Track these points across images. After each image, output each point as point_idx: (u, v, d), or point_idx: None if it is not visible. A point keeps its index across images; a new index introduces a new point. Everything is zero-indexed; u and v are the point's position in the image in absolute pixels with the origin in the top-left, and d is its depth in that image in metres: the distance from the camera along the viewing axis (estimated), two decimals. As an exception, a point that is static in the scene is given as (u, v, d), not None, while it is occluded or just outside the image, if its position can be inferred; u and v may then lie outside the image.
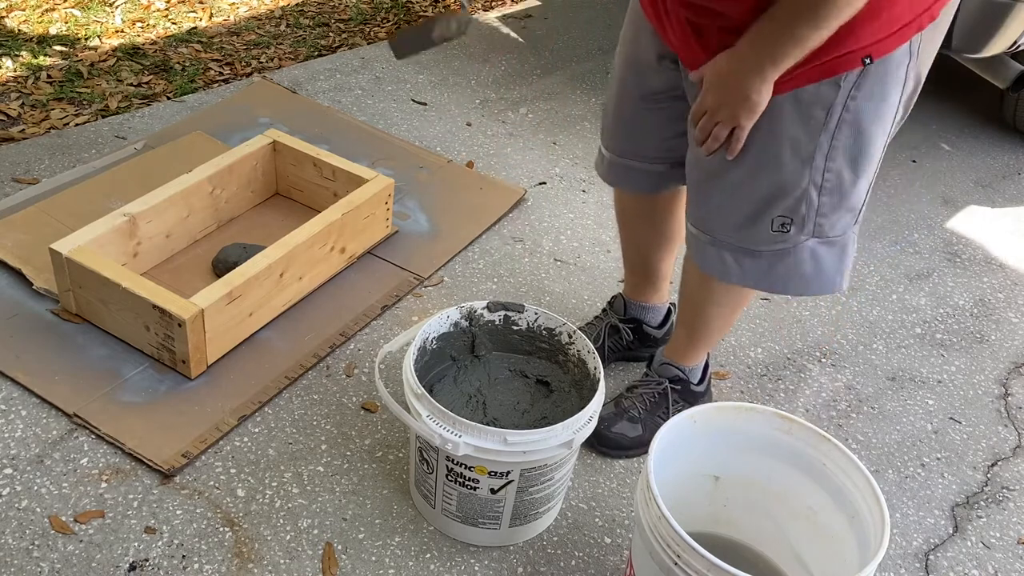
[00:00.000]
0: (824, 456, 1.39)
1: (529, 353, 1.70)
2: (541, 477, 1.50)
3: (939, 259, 2.61)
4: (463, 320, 1.66)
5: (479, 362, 1.68)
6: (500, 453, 1.41)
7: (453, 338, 1.66)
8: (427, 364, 1.63)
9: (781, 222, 1.45)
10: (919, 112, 3.41)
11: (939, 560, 1.72)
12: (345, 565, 1.54)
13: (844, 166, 1.41)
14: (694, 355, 1.81)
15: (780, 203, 1.44)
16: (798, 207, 1.44)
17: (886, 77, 1.35)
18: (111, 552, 1.51)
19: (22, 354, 1.82)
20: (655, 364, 1.86)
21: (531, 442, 1.41)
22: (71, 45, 3.09)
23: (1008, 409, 2.10)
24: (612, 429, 1.80)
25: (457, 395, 1.62)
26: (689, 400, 1.83)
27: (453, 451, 1.41)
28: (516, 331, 1.69)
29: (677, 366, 1.82)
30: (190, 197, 2.08)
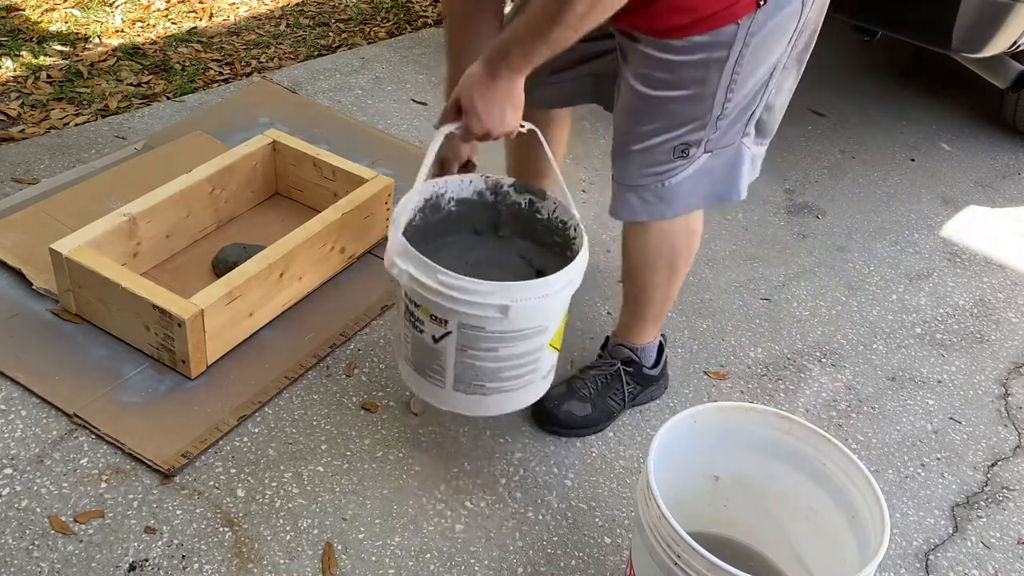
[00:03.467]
0: (824, 456, 1.39)
1: (545, 245, 1.68)
2: (480, 342, 1.48)
3: (939, 259, 2.61)
4: (488, 192, 1.63)
5: (497, 242, 1.66)
6: (433, 292, 1.42)
7: (478, 209, 1.64)
8: (442, 222, 1.61)
9: (683, 148, 1.53)
10: (919, 112, 3.42)
11: (939, 560, 1.72)
12: (345, 565, 1.54)
13: (741, 93, 1.49)
14: (641, 331, 1.83)
15: (684, 135, 1.52)
16: (698, 133, 1.52)
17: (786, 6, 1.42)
18: (111, 552, 1.51)
19: (22, 354, 1.82)
20: (609, 346, 1.89)
21: (461, 288, 1.41)
22: (71, 45, 3.09)
23: (1008, 409, 2.10)
24: (561, 408, 1.82)
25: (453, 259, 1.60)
26: (642, 383, 1.86)
27: (398, 277, 1.44)
28: (539, 219, 1.67)
29: (629, 346, 1.85)
30: (190, 197, 2.08)
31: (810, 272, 2.47)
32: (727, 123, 1.54)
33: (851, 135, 3.20)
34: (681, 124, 1.52)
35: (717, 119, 1.52)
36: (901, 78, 3.68)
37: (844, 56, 3.79)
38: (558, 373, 1.97)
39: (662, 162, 1.56)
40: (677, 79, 1.48)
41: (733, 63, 1.44)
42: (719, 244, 2.53)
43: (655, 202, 1.62)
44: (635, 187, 1.62)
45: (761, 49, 1.46)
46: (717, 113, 1.51)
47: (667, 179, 1.58)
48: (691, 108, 1.50)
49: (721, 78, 1.46)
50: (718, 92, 1.48)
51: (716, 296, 2.32)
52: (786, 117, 1.72)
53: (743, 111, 1.54)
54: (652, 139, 1.55)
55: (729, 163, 1.60)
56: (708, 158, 1.57)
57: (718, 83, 1.47)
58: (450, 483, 1.72)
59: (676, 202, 1.62)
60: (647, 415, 1.93)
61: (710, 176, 1.60)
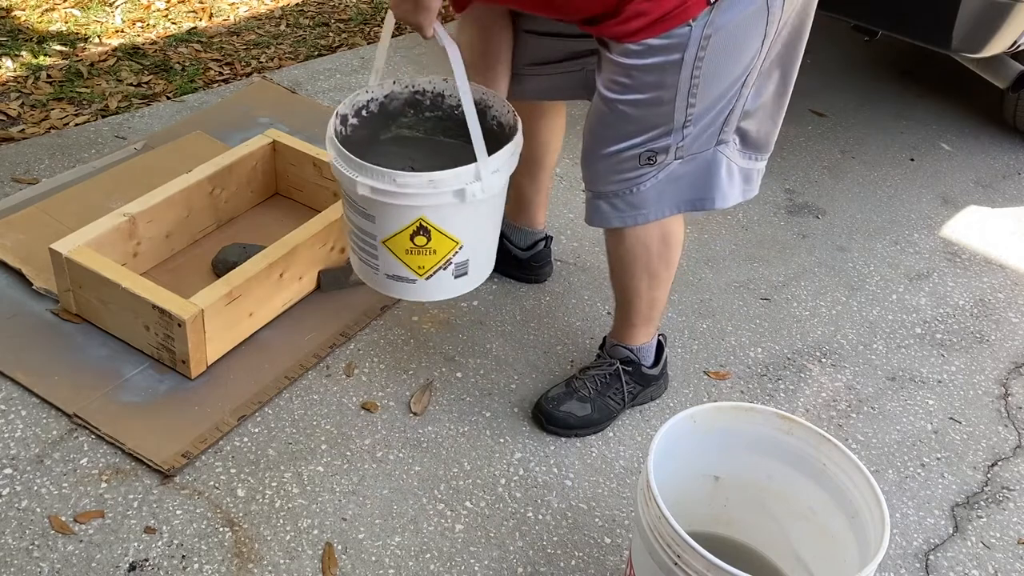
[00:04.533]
0: (824, 456, 1.39)
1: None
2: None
3: (939, 259, 2.61)
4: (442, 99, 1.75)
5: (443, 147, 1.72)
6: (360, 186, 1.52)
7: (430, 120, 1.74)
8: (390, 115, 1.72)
9: (649, 156, 1.54)
10: (919, 112, 3.42)
11: (939, 560, 1.72)
12: (345, 565, 1.54)
13: (707, 97, 1.48)
14: (633, 333, 1.84)
15: (649, 142, 1.53)
16: (664, 140, 1.52)
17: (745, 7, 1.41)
18: (111, 552, 1.51)
19: (22, 354, 1.82)
20: (607, 346, 1.89)
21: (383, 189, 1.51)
22: (71, 45, 3.09)
23: (1008, 409, 2.10)
24: (560, 408, 1.83)
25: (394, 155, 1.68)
26: (642, 382, 1.86)
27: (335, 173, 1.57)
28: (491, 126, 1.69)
29: (626, 346, 1.85)
30: (190, 197, 2.08)
31: (810, 272, 2.47)
32: (696, 129, 1.53)
33: (851, 135, 3.20)
34: (644, 131, 1.52)
35: (683, 125, 1.51)
36: (901, 78, 3.68)
37: (844, 56, 3.79)
38: (558, 374, 1.97)
39: (629, 169, 1.56)
40: (637, 84, 1.48)
41: (691, 66, 1.44)
42: (719, 244, 2.53)
43: (626, 208, 1.62)
44: (604, 194, 1.62)
45: (724, 52, 1.45)
46: (681, 119, 1.50)
47: (636, 186, 1.59)
48: (653, 114, 1.50)
49: (679, 82, 1.46)
50: (678, 98, 1.48)
51: (716, 296, 2.32)
52: (786, 117, 1.72)
53: (715, 117, 1.53)
54: (617, 145, 1.55)
55: (702, 170, 1.60)
56: (679, 164, 1.57)
57: (677, 87, 1.46)
58: (450, 483, 1.72)
59: (647, 208, 1.62)
60: (647, 415, 1.93)
61: (682, 183, 1.60)
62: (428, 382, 1.93)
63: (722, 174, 1.61)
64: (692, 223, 2.59)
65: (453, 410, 1.87)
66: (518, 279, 2.23)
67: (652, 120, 1.51)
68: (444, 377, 1.95)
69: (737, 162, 1.63)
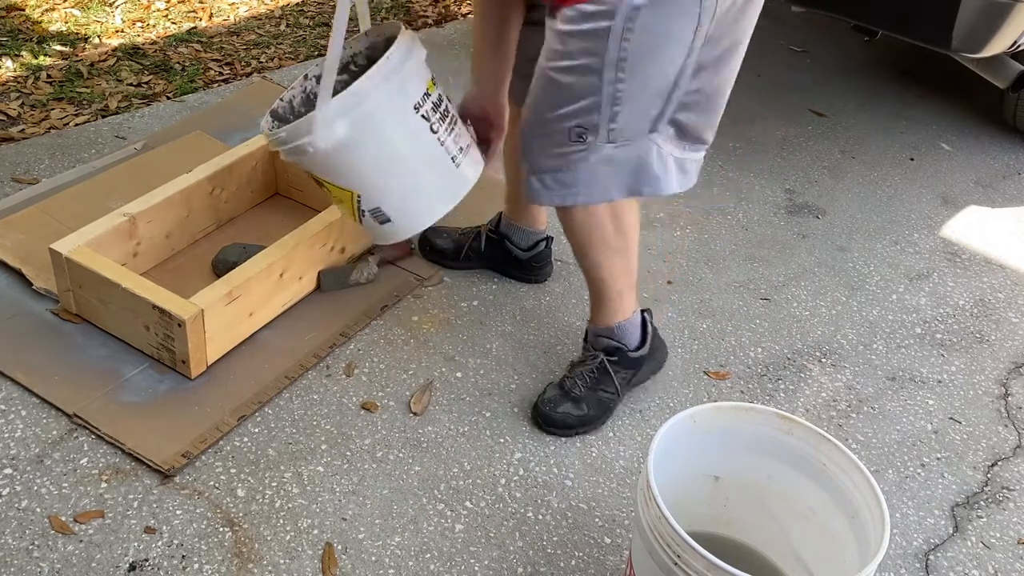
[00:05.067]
0: (824, 456, 1.39)
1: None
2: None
3: (939, 259, 2.61)
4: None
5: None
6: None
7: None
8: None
9: (579, 131, 1.53)
10: (919, 112, 3.42)
11: (939, 560, 1.72)
12: (345, 565, 1.54)
13: (636, 76, 1.49)
14: (609, 311, 1.83)
15: (579, 115, 1.53)
16: (592, 116, 1.52)
17: None
18: (111, 552, 1.51)
19: (22, 354, 1.82)
20: (589, 336, 1.90)
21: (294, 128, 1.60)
22: (71, 45, 3.09)
23: (1008, 409, 2.10)
24: (557, 410, 1.84)
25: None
26: (630, 367, 1.86)
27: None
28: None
29: (605, 333, 1.84)
30: (190, 197, 2.08)
31: (810, 272, 2.48)
32: (628, 113, 1.53)
33: (851, 135, 3.20)
34: (573, 100, 1.53)
35: (612, 103, 1.51)
36: (901, 78, 3.68)
37: (844, 56, 3.79)
38: (558, 374, 1.97)
39: (559, 143, 1.57)
40: (568, 50, 1.50)
41: (619, 37, 1.45)
42: (719, 244, 2.53)
43: (555, 187, 1.62)
44: (536, 171, 1.63)
45: (653, 31, 1.45)
46: (611, 94, 1.50)
47: (567, 164, 1.59)
48: (581, 83, 1.51)
49: (607, 52, 1.46)
50: (605, 68, 1.48)
51: (716, 296, 2.32)
52: (786, 117, 1.73)
53: (647, 104, 1.54)
54: (548, 114, 1.56)
55: (637, 158, 1.60)
56: (612, 148, 1.57)
57: (604, 57, 1.47)
58: (450, 483, 1.72)
59: (578, 188, 1.62)
60: (647, 415, 1.93)
61: (617, 168, 1.60)
62: (428, 382, 1.93)
63: (655, 162, 1.62)
64: (692, 223, 2.59)
65: (453, 410, 1.87)
66: (518, 279, 2.23)
67: (580, 89, 1.52)
68: (444, 377, 1.95)
69: (672, 152, 1.63)
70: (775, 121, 3.20)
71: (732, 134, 3.08)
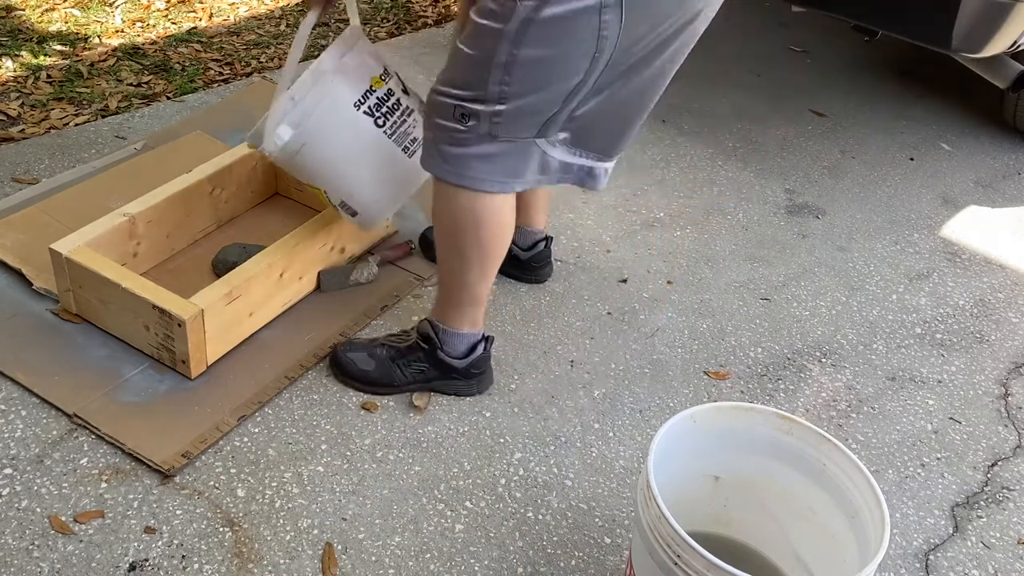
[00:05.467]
0: (824, 456, 1.39)
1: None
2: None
3: (939, 259, 2.61)
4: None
5: None
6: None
7: None
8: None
9: (462, 112, 1.55)
10: (919, 112, 3.42)
11: (939, 560, 1.72)
12: (345, 565, 1.54)
13: (523, 83, 1.50)
14: (440, 308, 1.82)
15: (464, 99, 1.54)
16: (476, 106, 1.54)
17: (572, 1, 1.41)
18: (111, 552, 1.51)
19: (22, 354, 1.82)
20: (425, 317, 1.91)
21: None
22: (71, 45, 3.09)
23: (1008, 409, 2.10)
24: (348, 354, 1.87)
25: None
26: (438, 368, 1.85)
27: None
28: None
29: (432, 321, 1.84)
30: (190, 197, 2.08)
31: (810, 272, 2.48)
32: (511, 114, 1.53)
33: (851, 135, 3.20)
34: (461, 81, 1.55)
35: (497, 101, 1.52)
36: (901, 78, 3.68)
37: (844, 56, 3.79)
38: (558, 373, 1.97)
39: (446, 116, 1.58)
40: (469, 34, 1.52)
41: (510, 42, 1.46)
42: (719, 244, 2.53)
43: (436, 156, 1.63)
44: (427, 136, 1.64)
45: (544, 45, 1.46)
46: (495, 91, 1.51)
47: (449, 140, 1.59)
48: (470, 69, 1.53)
49: (496, 53, 1.48)
50: (493, 67, 1.49)
51: (716, 296, 2.32)
52: (786, 117, 1.73)
53: (534, 111, 1.54)
54: (441, 87, 1.58)
55: (516, 157, 1.60)
56: (493, 143, 1.57)
57: (493, 56, 1.48)
58: (450, 483, 1.72)
59: (453, 166, 1.62)
60: (647, 415, 1.93)
61: (497, 161, 1.60)
62: (428, 382, 1.93)
63: (536, 164, 1.62)
64: (692, 223, 2.59)
65: (453, 410, 1.87)
66: (518, 279, 2.23)
67: (469, 76, 1.53)
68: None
69: (561, 157, 1.64)
70: (775, 121, 3.20)
71: (732, 134, 3.08)
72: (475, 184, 1.62)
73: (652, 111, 1.70)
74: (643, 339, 2.14)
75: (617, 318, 2.19)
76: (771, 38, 3.88)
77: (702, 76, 3.43)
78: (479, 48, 1.51)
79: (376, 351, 1.87)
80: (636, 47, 1.50)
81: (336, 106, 1.81)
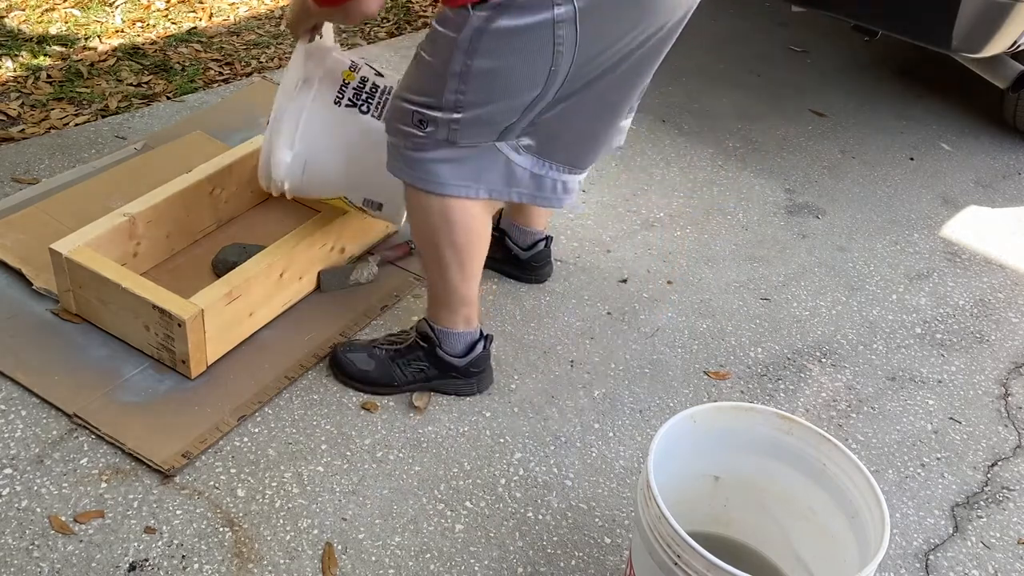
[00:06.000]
0: (824, 456, 1.39)
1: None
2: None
3: (939, 259, 2.61)
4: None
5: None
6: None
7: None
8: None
9: (420, 119, 1.56)
10: (919, 112, 3.42)
11: (939, 560, 1.72)
12: (345, 565, 1.54)
13: (478, 93, 1.51)
14: (433, 309, 1.83)
15: (421, 105, 1.55)
16: (433, 112, 1.54)
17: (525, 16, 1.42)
18: (111, 552, 1.51)
19: (22, 354, 1.82)
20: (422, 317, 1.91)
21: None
22: (71, 45, 3.09)
23: (1008, 409, 2.10)
24: (348, 355, 1.87)
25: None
26: (438, 367, 1.85)
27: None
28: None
29: (429, 322, 1.84)
30: (190, 197, 2.08)
31: (810, 272, 2.48)
32: (469, 121, 1.53)
33: (851, 135, 3.20)
34: (421, 89, 1.55)
35: (453, 109, 1.52)
36: (901, 78, 3.68)
37: (844, 56, 3.79)
38: (558, 373, 1.97)
39: (405, 122, 1.58)
40: (427, 42, 1.54)
41: (464, 51, 1.46)
42: (719, 244, 2.53)
43: (399, 160, 1.64)
44: (389, 140, 1.65)
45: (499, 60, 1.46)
46: (451, 99, 1.51)
47: (409, 144, 1.60)
48: (427, 77, 1.54)
49: (451, 61, 1.48)
50: (449, 77, 1.49)
51: (716, 296, 2.32)
52: (786, 117, 1.73)
53: (494, 119, 1.54)
54: (403, 92, 1.59)
55: (478, 162, 1.60)
56: (452, 148, 1.57)
57: (448, 65, 1.49)
58: (450, 483, 1.72)
59: (414, 171, 1.62)
60: (647, 415, 1.93)
61: (457, 166, 1.60)
62: (428, 382, 1.93)
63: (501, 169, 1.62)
64: (692, 223, 2.59)
65: (453, 410, 1.87)
66: (518, 279, 2.23)
67: (425, 83, 1.55)
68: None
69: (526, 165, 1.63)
70: (775, 121, 3.20)
71: (732, 134, 3.08)
72: (439, 188, 1.62)
73: (653, 111, 1.70)
74: (643, 339, 2.14)
75: (617, 318, 2.19)
76: (771, 38, 3.88)
77: (702, 76, 3.43)
78: (436, 55, 1.51)
79: (375, 351, 1.87)
80: (596, 60, 1.50)
81: (319, 111, 1.84)
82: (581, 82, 1.52)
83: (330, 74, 1.87)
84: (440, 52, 1.50)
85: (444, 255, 1.72)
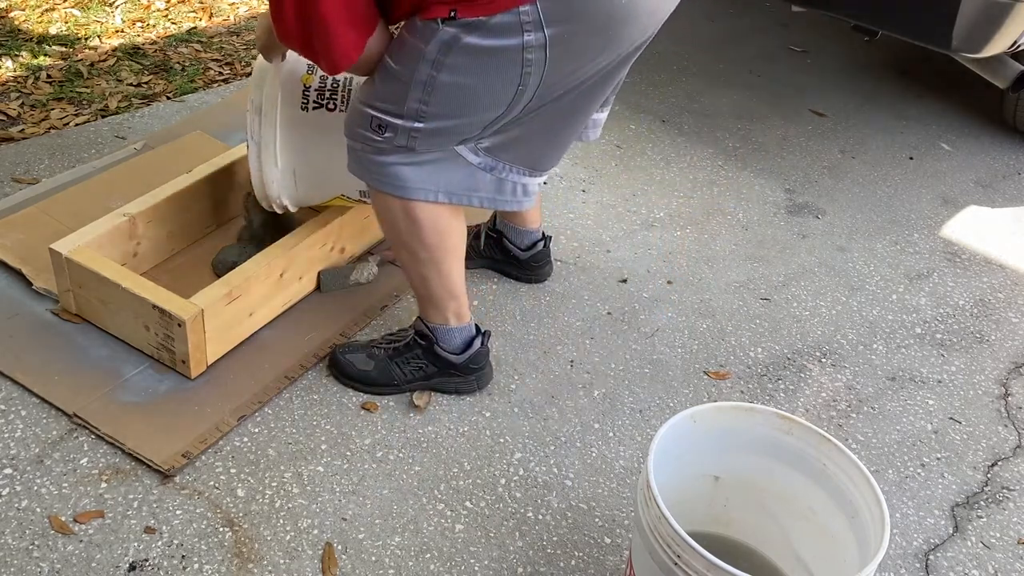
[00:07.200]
0: (824, 456, 1.39)
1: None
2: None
3: (939, 259, 2.61)
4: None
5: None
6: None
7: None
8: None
9: (379, 124, 1.56)
10: (919, 112, 3.42)
11: (939, 560, 1.72)
12: (345, 565, 1.54)
13: (442, 106, 1.51)
14: (423, 307, 1.84)
15: (381, 112, 1.55)
16: (393, 119, 1.54)
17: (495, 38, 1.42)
18: (111, 552, 1.51)
19: (22, 354, 1.82)
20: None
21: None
22: (71, 45, 3.09)
23: (1008, 409, 2.10)
24: (347, 356, 1.87)
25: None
26: (437, 364, 1.85)
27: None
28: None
29: (424, 321, 1.84)
30: (190, 197, 2.08)
31: (810, 272, 2.48)
32: (429, 132, 1.54)
33: (851, 135, 3.20)
34: (382, 96, 1.55)
35: (415, 118, 1.52)
36: (901, 78, 3.68)
37: (844, 56, 3.79)
38: (558, 373, 1.97)
39: (363, 126, 1.58)
40: (395, 48, 1.53)
41: (430, 64, 1.46)
42: (719, 244, 2.53)
43: (358, 163, 1.64)
44: (348, 142, 1.65)
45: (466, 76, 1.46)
46: (414, 108, 1.51)
47: (367, 147, 1.60)
48: (392, 85, 1.53)
49: (416, 72, 1.48)
50: (412, 87, 1.49)
51: (716, 296, 2.32)
52: (786, 117, 1.73)
53: (455, 132, 1.55)
54: (364, 97, 1.58)
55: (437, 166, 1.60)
56: (411, 154, 1.58)
57: (413, 76, 1.48)
58: (450, 483, 1.72)
59: (373, 175, 1.63)
60: (647, 415, 1.93)
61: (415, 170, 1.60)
62: (428, 382, 1.93)
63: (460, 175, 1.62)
64: (692, 223, 2.59)
65: (453, 410, 1.87)
66: (518, 279, 2.23)
67: (387, 90, 1.54)
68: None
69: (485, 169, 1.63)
70: (775, 121, 3.20)
71: (732, 134, 3.08)
72: (399, 191, 1.63)
73: (653, 111, 1.70)
74: (643, 339, 2.14)
75: (617, 318, 2.19)
76: (771, 38, 3.88)
77: (702, 76, 3.43)
78: (402, 64, 1.50)
79: (374, 351, 1.87)
80: (564, 81, 1.51)
81: (291, 122, 1.86)
82: (548, 99, 1.53)
83: (289, 82, 1.86)
84: (406, 60, 1.49)
85: (418, 255, 1.72)
